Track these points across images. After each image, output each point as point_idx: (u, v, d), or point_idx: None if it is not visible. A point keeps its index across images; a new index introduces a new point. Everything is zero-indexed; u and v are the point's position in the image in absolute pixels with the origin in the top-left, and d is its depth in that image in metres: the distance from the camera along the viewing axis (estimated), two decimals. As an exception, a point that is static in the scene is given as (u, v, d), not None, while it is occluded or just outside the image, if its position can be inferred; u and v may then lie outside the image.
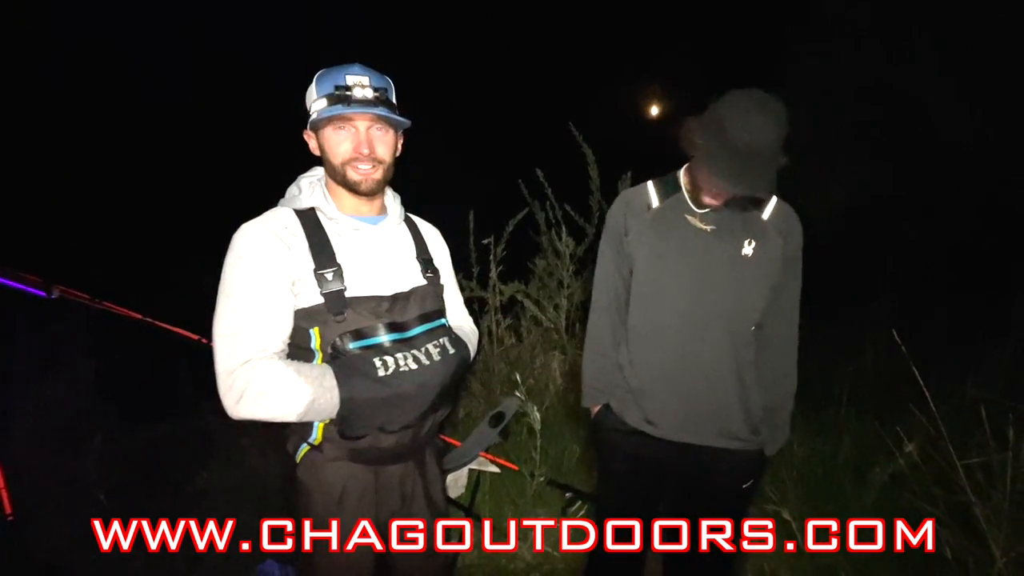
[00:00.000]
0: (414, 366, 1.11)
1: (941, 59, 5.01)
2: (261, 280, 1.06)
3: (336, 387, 1.05)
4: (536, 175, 3.05)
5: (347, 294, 1.10)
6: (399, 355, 1.10)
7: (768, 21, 7.04)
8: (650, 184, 1.40)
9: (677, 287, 1.31)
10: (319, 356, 1.10)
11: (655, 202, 1.36)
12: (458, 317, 1.38)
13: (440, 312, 1.26)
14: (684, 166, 1.37)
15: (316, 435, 1.12)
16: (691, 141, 1.25)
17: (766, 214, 1.31)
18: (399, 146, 1.22)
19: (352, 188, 1.14)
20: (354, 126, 1.12)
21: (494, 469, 2.27)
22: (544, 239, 3.16)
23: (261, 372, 1.02)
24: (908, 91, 5.16)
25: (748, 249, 1.27)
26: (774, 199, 1.33)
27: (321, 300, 1.08)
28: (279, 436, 1.20)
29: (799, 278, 1.34)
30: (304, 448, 1.14)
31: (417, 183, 1.42)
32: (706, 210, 1.31)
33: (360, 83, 1.10)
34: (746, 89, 1.17)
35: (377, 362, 1.08)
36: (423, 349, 1.14)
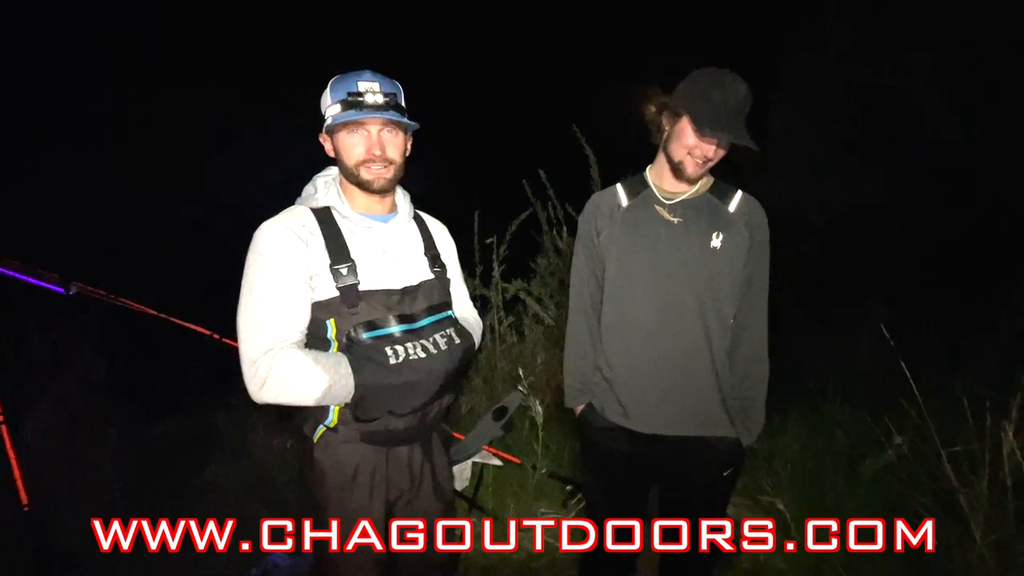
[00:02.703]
0: (422, 355, 1.18)
1: (934, 65, 5.09)
2: (281, 275, 1.13)
3: (351, 374, 1.12)
4: (539, 175, 3.11)
5: (360, 288, 1.17)
6: (408, 344, 1.17)
7: (766, 27, 7.12)
8: (619, 185, 1.44)
9: (648, 279, 1.35)
10: (335, 345, 1.17)
11: (624, 201, 1.41)
12: (463, 309, 1.45)
13: (447, 304, 1.32)
14: (650, 165, 1.43)
15: (332, 418, 1.19)
16: (660, 123, 1.33)
17: (732, 207, 1.35)
18: (408, 147, 1.29)
19: (365, 187, 1.21)
20: (366, 129, 1.18)
21: (497, 462, 2.33)
22: (546, 238, 3.23)
23: (282, 360, 1.10)
24: (901, 95, 5.23)
25: (716, 242, 1.32)
26: (739, 193, 1.37)
27: (336, 293, 1.15)
28: (292, 423, 1.27)
29: (767, 268, 1.37)
30: (321, 430, 1.22)
31: (421, 183, 1.48)
32: (674, 201, 1.36)
33: (371, 89, 1.17)
34: (711, 67, 1.27)
35: (388, 351, 1.15)
36: (431, 339, 1.21)
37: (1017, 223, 4.47)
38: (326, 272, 1.15)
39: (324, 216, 1.21)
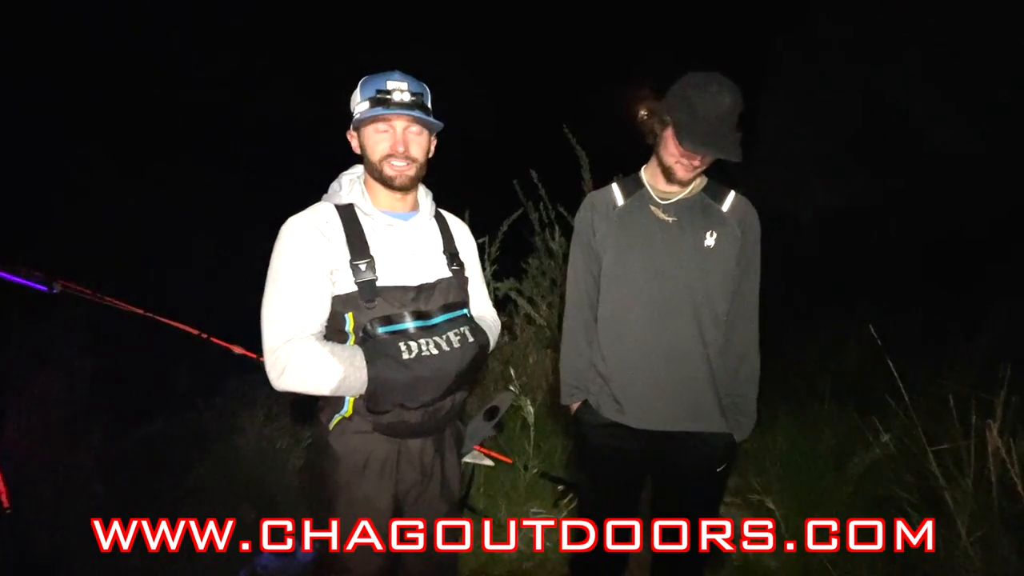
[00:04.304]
0: (435, 351, 1.21)
1: (923, 69, 5.16)
2: (303, 269, 1.18)
3: (365, 367, 1.16)
4: (530, 176, 3.11)
5: (378, 283, 1.20)
6: (422, 341, 1.20)
7: (758, 29, 7.19)
8: (614, 185, 1.47)
9: (643, 276, 1.37)
10: (352, 338, 1.21)
11: (620, 200, 1.43)
12: (481, 308, 1.47)
13: (463, 303, 1.35)
14: (644, 165, 1.45)
15: (347, 408, 1.23)
16: (652, 126, 1.35)
17: (725, 206, 1.38)
18: (432, 148, 1.32)
19: (387, 183, 1.25)
20: (392, 126, 1.23)
21: (488, 462, 2.33)
22: (538, 239, 3.23)
23: (300, 350, 1.14)
24: (891, 99, 5.31)
25: (710, 240, 1.34)
26: (732, 192, 1.40)
27: (355, 288, 1.19)
28: (303, 411, 1.30)
29: (758, 266, 1.41)
30: (336, 419, 1.25)
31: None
32: (669, 201, 1.38)
33: (399, 88, 1.21)
34: (702, 71, 1.27)
35: (402, 346, 1.18)
36: (444, 336, 1.24)
37: (1005, 223, 4.55)
38: (346, 267, 1.19)
39: (347, 213, 1.25)
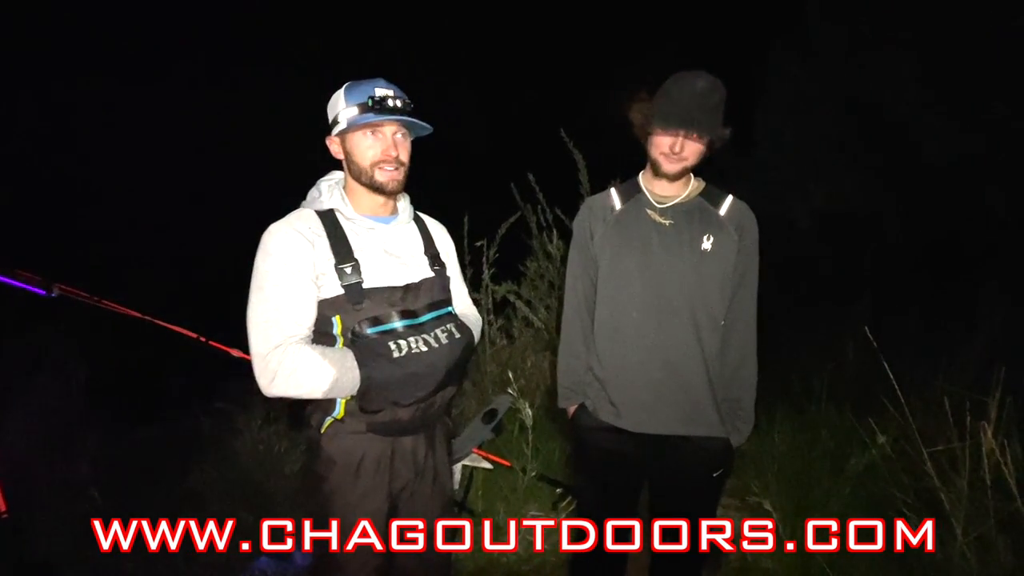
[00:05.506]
0: (424, 348, 1.23)
1: (918, 72, 5.20)
2: (289, 274, 1.18)
3: (356, 367, 1.17)
4: (528, 179, 3.13)
5: (364, 285, 1.22)
6: (411, 339, 1.22)
7: (754, 32, 7.24)
8: (612, 189, 1.49)
9: (640, 280, 1.38)
10: (340, 341, 1.22)
11: (617, 204, 1.45)
12: (463, 305, 1.49)
13: (447, 301, 1.37)
14: (642, 170, 1.47)
15: (339, 410, 1.24)
16: (643, 127, 1.37)
17: (723, 211, 1.39)
18: None
19: (378, 189, 1.26)
20: (383, 132, 1.24)
21: (487, 465, 2.32)
22: (535, 242, 3.24)
23: (291, 355, 1.15)
24: (887, 102, 5.34)
25: (707, 244, 1.36)
26: (730, 197, 1.41)
27: (342, 291, 1.20)
28: (292, 420, 1.29)
29: (756, 270, 1.41)
30: (328, 421, 1.25)
31: (413, 186, 1.50)
32: (666, 205, 1.40)
33: (389, 95, 1.23)
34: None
35: (392, 345, 1.19)
36: (432, 333, 1.25)
37: (998, 226, 4.58)
38: (331, 271, 1.20)
39: (328, 218, 1.26)
